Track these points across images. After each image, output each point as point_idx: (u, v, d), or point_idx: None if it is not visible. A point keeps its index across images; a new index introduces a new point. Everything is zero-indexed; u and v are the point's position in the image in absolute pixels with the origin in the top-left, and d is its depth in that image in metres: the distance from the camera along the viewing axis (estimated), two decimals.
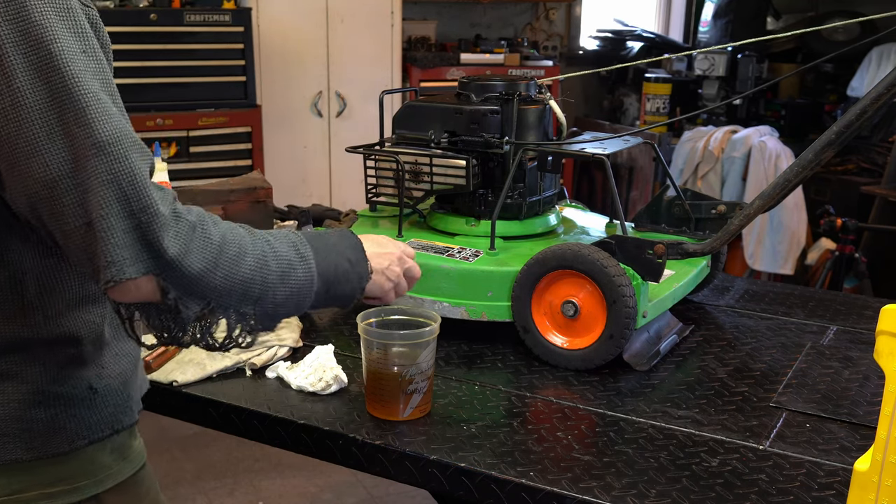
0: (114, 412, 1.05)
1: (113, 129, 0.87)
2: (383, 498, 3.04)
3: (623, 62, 4.87)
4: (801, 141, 4.65)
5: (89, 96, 0.87)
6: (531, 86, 1.72)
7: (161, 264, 0.89)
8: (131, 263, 0.88)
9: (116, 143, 0.87)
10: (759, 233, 4.31)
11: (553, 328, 1.51)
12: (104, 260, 0.87)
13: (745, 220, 1.41)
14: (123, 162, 0.87)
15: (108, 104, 0.88)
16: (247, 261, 0.96)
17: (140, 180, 0.88)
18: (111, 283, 0.88)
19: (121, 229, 0.87)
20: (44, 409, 0.99)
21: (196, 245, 0.91)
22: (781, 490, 1.14)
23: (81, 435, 1.02)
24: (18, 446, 0.98)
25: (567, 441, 1.25)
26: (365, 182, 1.75)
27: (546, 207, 1.76)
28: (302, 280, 1.02)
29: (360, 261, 1.13)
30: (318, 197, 4.54)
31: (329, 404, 1.36)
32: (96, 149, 0.86)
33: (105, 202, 0.86)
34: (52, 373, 1.00)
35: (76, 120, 0.86)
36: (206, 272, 0.92)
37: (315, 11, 4.38)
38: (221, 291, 0.95)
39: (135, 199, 0.87)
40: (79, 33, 0.89)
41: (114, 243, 0.87)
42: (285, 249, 1.02)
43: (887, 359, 0.96)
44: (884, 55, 4.74)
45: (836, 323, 1.75)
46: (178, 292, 0.92)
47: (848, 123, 1.31)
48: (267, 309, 1.00)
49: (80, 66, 0.87)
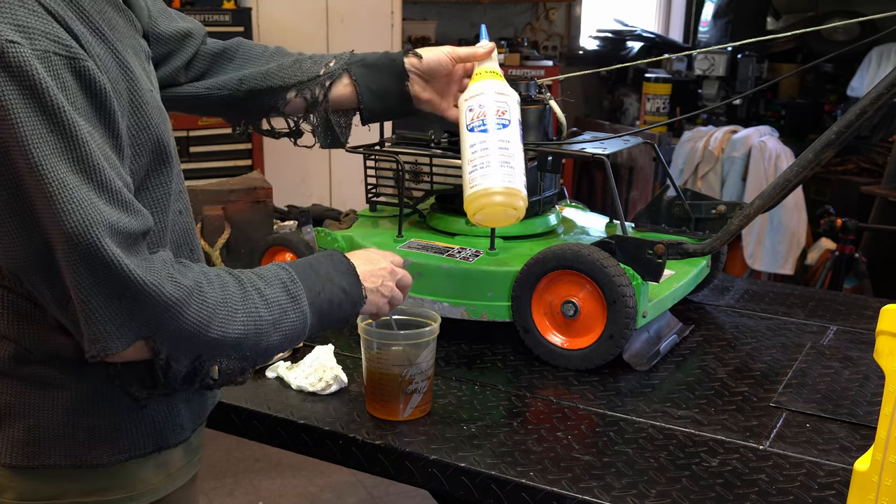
0: (161, 429, 1.03)
1: (79, 218, 0.82)
2: (383, 498, 3.04)
3: (623, 62, 4.87)
4: (801, 141, 4.65)
5: (54, 184, 0.82)
6: (531, 86, 1.72)
7: (148, 329, 0.89)
8: (117, 338, 0.87)
9: (84, 233, 0.83)
10: (759, 233, 4.31)
11: (553, 328, 1.51)
12: (89, 336, 0.87)
13: (745, 220, 1.41)
14: (92, 251, 0.83)
15: (74, 188, 0.82)
16: (238, 318, 0.96)
17: (115, 262, 0.84)
18: (97, 357, 0.88)
19: (102, 308, 0.86)
20: (88, 418, 0.98)
21: (192, 309, 0.91)
22: (781, 490, 1.14)
23: (123, 449, 1.00)
24: (59, 452, 0.97)
25: (567, 441, 1.25)
26: (365, 182, 1.75)
27: (546, 207, 1.76)
28: (295, 323, 1.03)
29: (354, 286, 1.12)
30: (318, 197, 4.54)
31: (329, 404, 1.36)
32: (64, 238, 0.83)
33: (82, 286, 0.85)
34: (97, 384, 0.98)
35: (45, 206, 0.83)
36: (197, 333, 0.92)
37: (315, 11, 4.38)
38: (214, 346, 0.95)
39: (114, 280, 0.85)
40: (44, 110, 0.81)
41: (96, 321, 0.86)
42: (276, 293, 1.01)
43: (887, 359, 0.96)
44: (884, 55, 4.74)
45: (836, 323, 1.75)
46: (170, 351, 0.92)
47: (848, 123, 1.31)
48: (260, 353, 1.01)
49: (44, 150, 0.81)
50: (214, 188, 1.94)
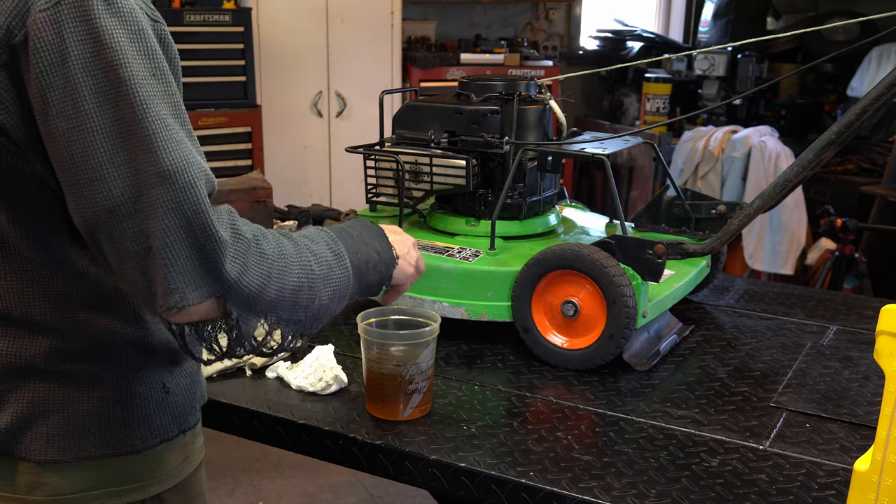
0: (182, 412, 1.07)
1: (180, 157, 0.86)
2: (383, 498, 3.04)
3: (623, 62, 4.87)
4: (801, 141, 4.65)
5: (157, 123, 0.85)
6: (531, 86, 1.72)
7: (223, 286, 0.90)
8: (194, 289, 0.88)
9: (183, 171, 0.86)
10: (759, 233, 4.31)
11: (553, 328, 1.51)
12: (166, 287, 0.87)
13: (745, 220, 1.41)
14: (189, 191, 0.86)
15: (176, 130, 0.87)
16: (293, 270, 0.98)
17: (204, 209, 0.87)
18: (174, 309, 0.88)
19: (185, 257, 0.87)
20: (122, 408, 1.01)
21: (252, 263, 0.92)
22: (781, 490, 1.14)
23: (154, 434, 1.03)
24: (94, 444, 1.00)
25: (567, 441, 1.25)
26: (365, 182, 1.75)
27: (546, 207, 1.76)
28: (341, 279, 1.04)
29: (386, 248, 1.16)
30: (318, 197, 4.54)
31: (329, 404, 1.36)
32: (161, 178, 0.85)
33: (169, 230, 0.86)
34: (130, 373, 1.01)
35: (143, 147, 0.85)
36: (262, 288, 0.93)
37: (315, 11, 4.38)
38: (276, 304, 0.96)
39: (199, 228, 0.87)
40: (149, 55, 0.87)
41: (177, 270, 0.86)
42: (324, 251, 1.04)
43: (887, 359, 0.96)
44: (884, 55, 4.74)
45: (836, 323, 1.75)
46: (240, 311, 0.93)
47: (848, 123, 1.31)
48: (315, 312, 1.02)
49: (150, 90, 0.86)
50: None
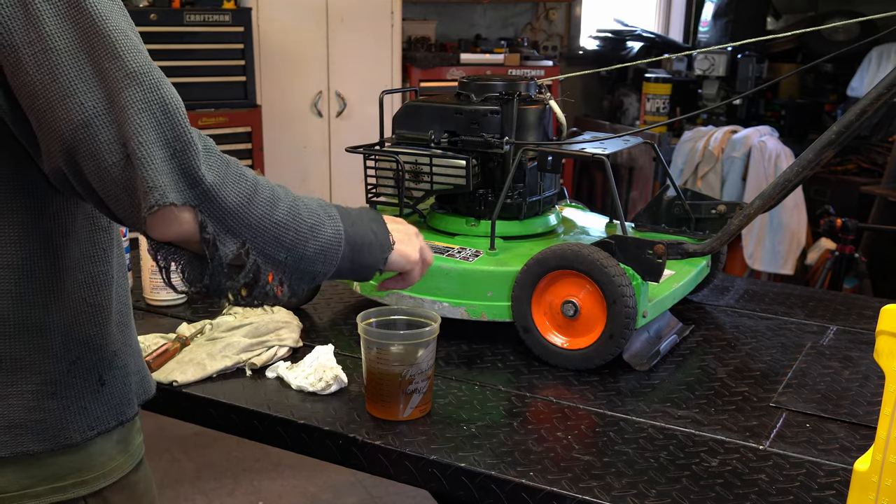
0: (119, 404, 1.08)
1: (143, 60, 0.88)
2: (383, 498, 3.04)
3: (623, 62, 4.87)
4: (801, 141, 4.65)
5: (117, 32, 0.88)
6: (531, 86, 1.72)
7: (198, 194, 0.90)
8: (172, 189, 0.88)
9: (147, 73, 0.88)
10: (759, 233, 4.31)
11: (553, 328, 1.51)
12: (145, 186, 0.88)
13: (745, 220, 1.41)
14: (156, 90, 0.88)
15: (136, 41, 0.90)
16: (280, 206, 0.98)
17: (173, 108, 0.89)
18: (154, 207, 0.88)
19: (159, 157, 0.88)
20: (56, 400, 1.01)
21: (231, 178, 0.93)
22: (781, 490, 1.14)
23: (91, 426, 1.04)
24: (32, 438, 1.00)
25: (567, 441, 1.25)
26: (365, 182, 1.75)
27: (546, 207, 1.76)
28: (331, 237, 1.04)
29: (383, 231, 1.15)
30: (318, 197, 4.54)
31: (329, 404, 1.36)
32: (129, 79, 0.87)
33: (141, 129, 0.87)
34: (64, 364, 1.01)
35: (107, 55, 0.87)
36: (241, 206, 0.94)
37: (315, 11, 4.38)
38: (256, 231, 0.96)
39: (168, 127, 0.88)
40: None
41: (154, 168, 0.87)
42: (314, 206, 1.04)
43: (887, 359, 0.96)
44: (884, 55, 4.74)
45: (836, 323, 1.75)
46: (216, 227, 0.93)
47: (848, 123, 1.31)
48: (298, 260, 1.01)
49: (107, 6, 0.89)
50: None
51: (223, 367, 1.44)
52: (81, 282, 1.03)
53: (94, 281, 1.05)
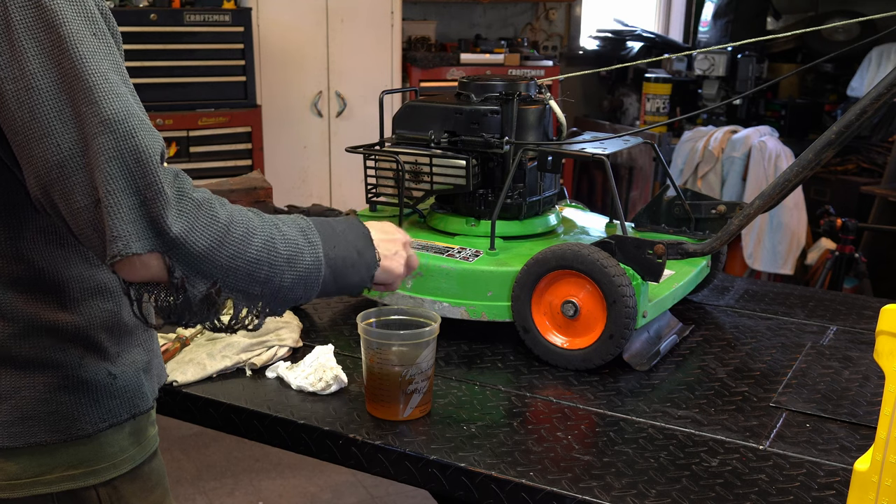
0: (131, 397, 1.09)
1: (120, 107, 0.88)
2: (383, 498, 3.04)
3: (623, 62, 4.87)
4: (801, 141, 4.65)
5: (97, 76, 0.88)
6: (531, 86, 1.72)
7: (166, 242, 0.90)
8: (136, 239, 0.89)
9: (123, 121, 0.88)
10: (759, 233, 4.31)
11: (553, 328, 1.51)
12: (110, 234, 0.88)
13: (745, 220, 1.41)
14: (129, 139, 0.88)
15: (116, 84, 0.90)
16: (254, 242, 0.97)
17: (145, 157, 0.89)
18: (117, 257, 0.88)
19: (126, 205, 0.88)
20: (69, 394, 1.03)
21: (201, 223, 0.92)
22: (781, 490, 1.14)
23: (103, 418, 1.06)
24: (44, 429, 1.02)
25: (567, 441, 1.25)
26: (365, 182, 1.75)
27: (546, 207, 1.76)
28: (310, 266, 1.03)
29: (368, 250, 1.13)
30: (318, 197, 4.54)
31: (329, 404, 1.36)
32: (102, 126, 0.87)
33: (111, 178, 0.87)
34: (75, 360, 1.03)
35: (84, 99, 0.88)
36: (211, 250, 0.93)
37: (315, 11, 4.38)
38: (228, 271, 0.95)
39: (139, 175, 0.88)
40: (88, 17, 0.91)
41: (120, 218, 0.88)
42: (294, 234, 1.03)
43: (887, 359, 0.96)
44: (884, 55, 4.74)
45: (836, 323, 1.75)
46: (184, 270, 0.92)
47: (848, 123, 1.31)
48: (274, 292, 1.00)
49: (90, 47, 0.89)
50: (214, 188, 1.94)
51: (223, 367, 1.44)
52: (90, 287, 1.05)
53: (104, 287, 1.06)
